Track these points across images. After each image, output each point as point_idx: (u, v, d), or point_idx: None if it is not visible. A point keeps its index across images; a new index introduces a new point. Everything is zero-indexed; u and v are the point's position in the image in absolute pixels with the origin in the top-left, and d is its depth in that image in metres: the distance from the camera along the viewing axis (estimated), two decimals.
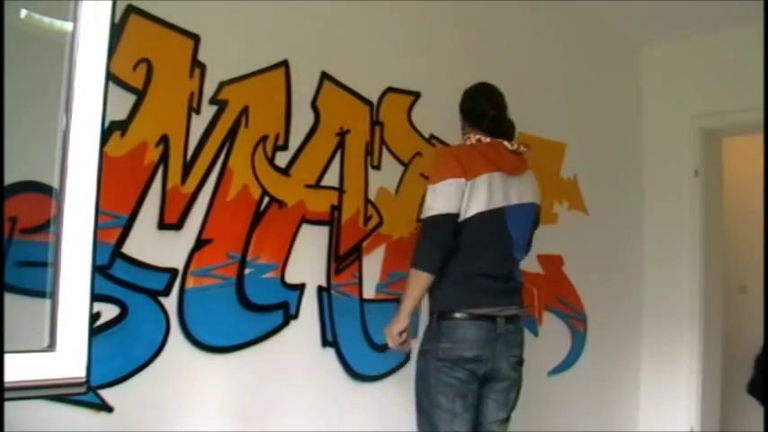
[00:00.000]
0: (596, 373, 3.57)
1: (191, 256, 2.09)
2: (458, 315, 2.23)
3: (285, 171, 2.33)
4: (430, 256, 2.22)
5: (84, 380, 0.96)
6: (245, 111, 2.23)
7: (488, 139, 2.36)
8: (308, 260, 2.37)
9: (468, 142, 2.39)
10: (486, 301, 2.26)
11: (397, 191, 2.68)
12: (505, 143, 2.36)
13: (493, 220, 2.30)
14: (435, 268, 2.23)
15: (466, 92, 2.52)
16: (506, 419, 2.37)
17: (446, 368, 2.21)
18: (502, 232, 2.33)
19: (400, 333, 2.25)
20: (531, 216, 2.47)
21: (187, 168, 2.08)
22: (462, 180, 2.24)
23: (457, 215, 2.24)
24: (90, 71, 0.98)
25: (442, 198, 2.23)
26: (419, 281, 2.22)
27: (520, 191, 2.39)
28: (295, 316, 2.34)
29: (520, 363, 2.36)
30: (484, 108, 2.43)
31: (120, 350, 1.91)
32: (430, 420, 2.24)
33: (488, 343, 2.24)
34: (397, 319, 2.25)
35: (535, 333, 3.24)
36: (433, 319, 2.31)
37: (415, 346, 2.40)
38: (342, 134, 2.50)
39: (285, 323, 2.31)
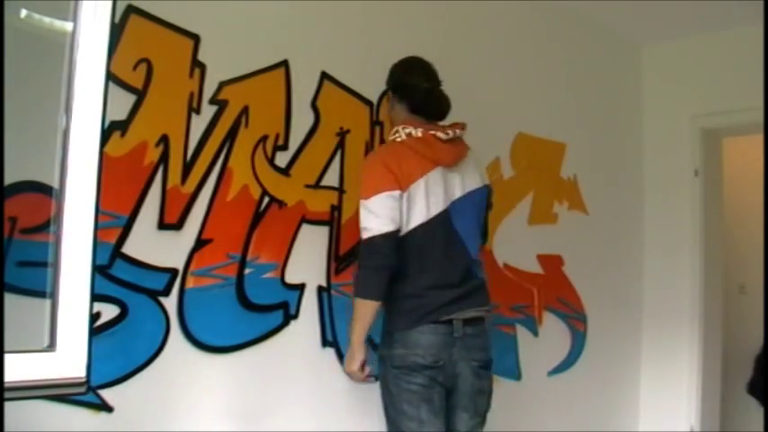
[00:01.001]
0: (596, 373, 3.57)
1: (191, 256, 2.09)
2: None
3: (285, 171, 2.33)
4: (374, 282, 2.08)
5: (84, 380, 0.96)
6: (245, 111, 2.23)
7: (419, 132, 2.17)
8: (308, 260, 2.37)
9: (398, 138, 2.20)
10: (442, 312, 2.12)
11: None
12: (439, 134, 2.18)
13: (436, 227, 2.16)
14: (382, 295, 2.09)
15: (395, 65, 2.34)
16: (479, 424, 2.24)
17: (403, 375, 2.10)
18: (448, 237, 2.19)
19: (361, 367, 2.13)
20: (482, 201, 2.32)
21: (187, 168, 2.08)
22: (397, 192, 2.09)
23: (397, 232, 2.09)
24: (90, 71, 0.98)
25: (377, 218, 2.07)
26: (366, 310, 2.09)
27: (463, 180, 2.23)
28: (295, 316, 2.34)
29: (484, 366, 2.22)
30: (416, 80, 2.26)
31: (120, 350, 1.91)
32: (398, 429, 2.14)
33: (444, 348, 2.11)
34: (351, 353, 2.14)
35: (535, 333, 3.24)
36: (387, 326, 2.21)
37: None
38: (342, 134, 2.50)
39: (285, 323, 2.31)
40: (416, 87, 2.26)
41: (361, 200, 2.13)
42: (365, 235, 2.09)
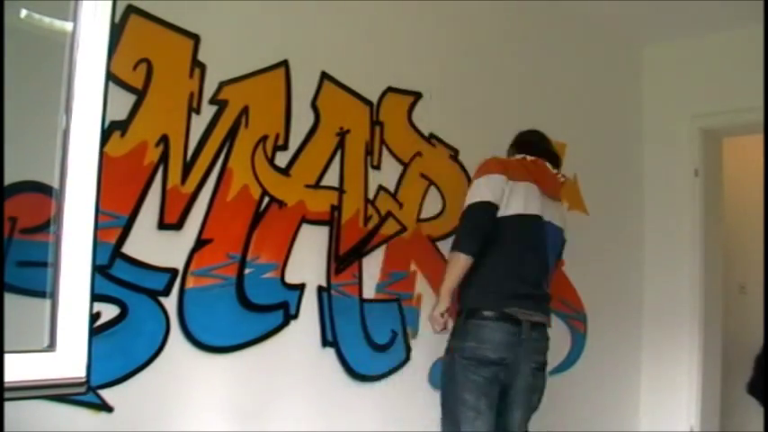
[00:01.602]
0: (596, 373, 3.57)
1: (191, 256, 2.09)
2: (485, 314, 2.29)
3: (285, 171, 2.33)
4: (469, 238, 2.32)
5: (84, 380, 0.96)
6: (245, 111, 2.23)
7: (533, 158, 2.49)
8: (308, 260, 2.37)
9: (513, 158, 2.53)
10: (513, 303, 2.31)
11: (396, 191, 2.68)
12: (548, 164, 2.51)
13: (530, 225, 2.40)
14: (474, 250, 2.30)
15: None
16: (528, 419, 2.44)
17: (472, 366, 2.27)
18: (540, 240, 2.44)
19: (442, 314, 2.32)
20: (559, 241, 2.58)
21: (187, 168, 2.08)
22: (503, 177, 2.35)
23: (496, 207, 2.33)
24: (90, 71, 0.97)
25: (484, 189, 2.35)
26: (458, 262, 2.30)
27: (552, 213, 2.50)
28: (295, 316, 2.34)
29: (540, 368, 2.42)
30: (531, 138, 2.62)
31: (120, 350, 1.91)
32: (454, 417, 2.30)
33: (512, 346, 2.30)
34: (438, 301, 2.34)
35: None
36: (460, 318, 2.36)
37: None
38: (342, 134, 2.50)
39: (285, 323, 2.31)
40: (530, 143, 2.60)
41: (472, 183, 2.43)
42: (469, 202, 2.37)
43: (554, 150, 2.63)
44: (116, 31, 1.87)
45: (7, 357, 0.87)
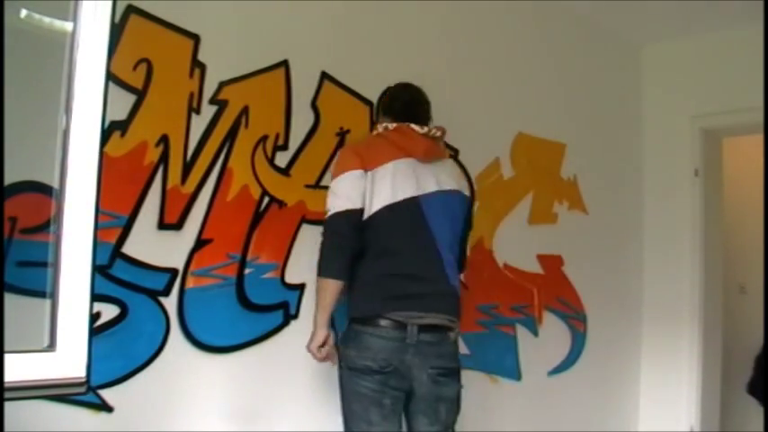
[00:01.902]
0: (596, 373, 3.57)
1: (191, 256, 2.09)
2: (366, 319, 2.07)
3: (285, 171, 2.33)
4: (333, 261, 2.06)
5: (84, 380, 0.96)
6: (245, 111, 2.23)
7: (394, 125, 2.21)
8: (308, 260, 2.37)
9: (374, 133, 2.26)
10: (400, 306, 2.06)
11: None
12: (414, 126, 2.19)
13: (404, 212, 2.10)
14: (342, 274, 2.06)
15: (386, 88, 2.42)
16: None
17: (355, 376, 2.06)
18: (416, 225, 2.12)
19: (320, 347, 2.10)
20: (458, 208, 2.24)
21: (187, 168, 2.08)
22: (359, 171, 2.09)
23: (359, 211, 2.08)
24: (90, 71, 0.98)
25: (340, 195, 2.08)
26: (326, 289, 2.06)
27: (438, 178, 2.18)
28: (295, 316, 2.34)
29: (445, 374, 2.12)
30: (399, 96, 2.33)
31: (120, 350, 1.91)
32: (348, 428, 2.12)
33: (395, 354, 2.04)
34: (314, 332, 2.10)
35: (535, 333, 3.24)
36: (346, 325, 2.16)
37: None
38: (342, 134, 2.49)
39: (285, 323, 2.31)
40: (397, 98, 2.33)
41: (330, 184, 2.16)
42: (327, 214, 2.10)
43: (424, 101, 2.33)
44: (116, 31, 1.87)
45: (7, 357, 0.87)
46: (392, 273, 2.10)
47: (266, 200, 2.27)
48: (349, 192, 2.08)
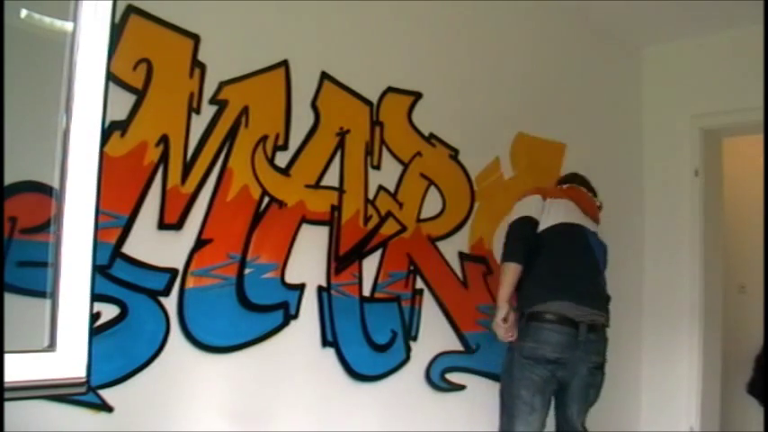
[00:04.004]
0: None
1: (191, 256, 2.09)
2: (545, 317, 2.49)
3: (285, 171, 2.33)
4: (513, 248, 2.59)
5: (84, 380, 0.96)
6: (245, 111, 2.23)
7: (568, 185, 2.85)
8: (307, 260, 2.37)
9: (549, 186, 2.88)
10: (569, 299, 2.50)
11: (396, 191, 2.68)
12: (584, 189, 2.83)
13: (574, 233, 2.65)
14: (520, 258, 2.55)
15: None
16: (585, 411, 2.67)
17: (529, 365, 2.49)
18: (584, 245, 2.67)
19: (504, 320, 2.54)
20: (604, 256, 2.77)
21: (187, 168, 2.08)
22: (539, 196, 2.67)
23: (536, 220, 2.61)
24: (90, 71, 0.97)
25: (522, 207, 2.66)
26: (508, 271, 2.56)
27: (594, 230, 2.74)
28: (295, 316, 2.34)
29: (598, 367, 2.62)
30: (569, 175, 2.99)
31: (120, 350, 1.91)
32: (510, 412, 2.51)
33: (569, 348, 2.49)
34: (497, 308, 2.57)
35: None
36: (522, 320, 2.57)
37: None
38: (342, 134, 2.50)
39: (285, 323, 2.31)
40: (568, 177, 2.99)
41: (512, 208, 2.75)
42: (510, 222, 2.67)
43: (591, 185, 2.94)
44: (116, 31, 1.87)
45: (7, 357, 0.87)
46: (565, 271, 2.58)
47: (266, 200, 2.27)
48: (530, 206, 2.66)
